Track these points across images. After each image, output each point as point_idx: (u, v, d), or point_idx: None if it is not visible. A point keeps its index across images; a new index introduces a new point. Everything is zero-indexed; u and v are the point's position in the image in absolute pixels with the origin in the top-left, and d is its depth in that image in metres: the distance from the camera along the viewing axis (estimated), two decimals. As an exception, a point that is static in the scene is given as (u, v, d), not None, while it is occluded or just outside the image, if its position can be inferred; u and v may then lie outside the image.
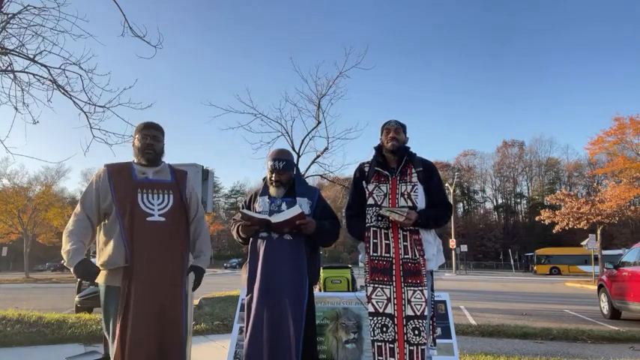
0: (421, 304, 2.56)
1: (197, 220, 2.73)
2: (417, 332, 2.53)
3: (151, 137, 2.63)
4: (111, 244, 2.43)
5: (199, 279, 2.69)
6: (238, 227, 2.82)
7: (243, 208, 2.91)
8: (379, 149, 2.89)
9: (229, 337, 3.94)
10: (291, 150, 10.96)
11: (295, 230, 2.68)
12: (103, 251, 2.48)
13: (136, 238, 2.41)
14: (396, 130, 2.81)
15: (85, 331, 5.32)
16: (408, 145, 2.88)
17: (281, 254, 2.68)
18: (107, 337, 2.46)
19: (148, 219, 2.46)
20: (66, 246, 2.40)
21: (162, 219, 2.50)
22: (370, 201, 2.76)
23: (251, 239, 2.79)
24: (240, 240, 2.89)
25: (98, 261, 2.50)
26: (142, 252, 2.40)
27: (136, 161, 2.65)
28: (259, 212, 2.78)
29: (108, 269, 2.43)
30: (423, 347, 2.52)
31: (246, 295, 2.74)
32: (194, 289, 2.65)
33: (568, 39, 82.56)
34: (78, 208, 2.53)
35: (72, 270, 2.38)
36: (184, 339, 2.49)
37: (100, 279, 2.49)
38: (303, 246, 2.72)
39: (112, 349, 2.35)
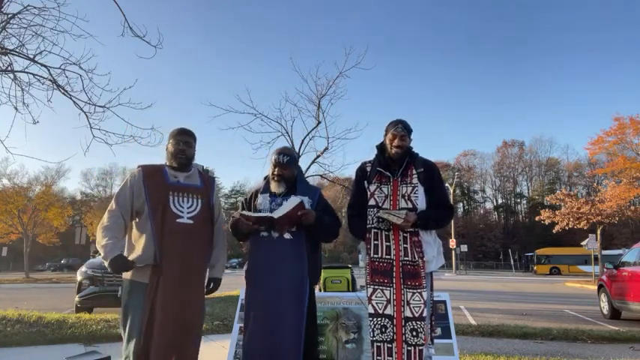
0: (420, 306, 2.56)
1: (217, 226, 2.83)
2: (415, 333, 2.54)
3: (184, 143, 2.74)
4: (141, 242, 2.54)
5: (215, 288, 2.85)
6: (237, 224, 2.80)
7: (243, 208, 2.91)
8: (382, 149, 2.85)
9: (229, 337, 3.94)
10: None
11: (296, 224, 2.67)
12: (134, 248, 2.58)
13: (165, 238, 2.53)
14: (402, 137, 2.76)
15: (85, 331, 5.32)
16: (411, 145, 2.84)
17: (281, 253, 2.68)
18: (123, 331, 2.52)
19: (178, 220, 2.58)
20: (102, 240, 2.50)
21: (191, 222, 2.62)
22: (371, 202, 2.75)
23: (251, 239, 2.79)
24: (238, 237, 2.89)
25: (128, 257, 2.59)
26: (171, 251, 2.52)
27: (168, 164, 2.76)
28: (259, 210, 2.77)
29: (137, 266, 2.52)
30: (420, 348, 2.53)
31: (246, 295, 2.74)
32: (208, 293, 2.81)
33: (568, 40, 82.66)
34: (113, 205, 2.63)
35: (107, 263, 2.46)
36: (200, 333, 2.66)
37: (126, 274, 2.58)
38: (303, 245, 2.72)
39: (131, 344, 2.42)
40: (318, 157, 11.21)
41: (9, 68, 5.87)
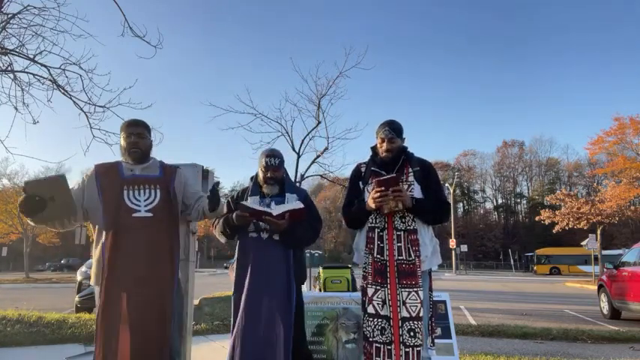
0: (416, 306, 2.54)
1: (198, 200, 2.66)
2: (412, 334, 2.52)
3: (136, 135, 2.59)
4: (98, 243, 2.45)
5: (216, 203, 2.53)
6: (228, 219, 2.76)
7: (230, 206, 2.89)
8: (375, 150, 2.87)
9: (229, 337, 3.94)
10: (290, 150, 10.97)
11: (280, 227, 2.65)
12: (94, 252, 2.49)
13: (121, 234, 2.39)
14: (390, 140, 2.74)
15: (85, 331, 5.32)
16: (405, 145, 2.85)
17: (270, 254, 2.70)
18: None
19: (134, 215, 2.44)
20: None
21: (150, 214, 2.47)
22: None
23: (240, 239, 2.79)
24: (225, 235, 2.83)
25: (93, 262, 2.52)
26: (127, 248, 2.38)
27: (123, 160, 2.63)
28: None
29: (97, 271, 2.45)
30: (418, 349, 2.51)
31: (235, 295, 2.74)
32: (213, 200, 2.50)
33: (568, 39, 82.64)
34: None
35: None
36: (172, 331, 2.43)
37: (93, 280, 2.51)
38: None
39: (95, 347, 2.34)
40: (318, 157, 11.22)
41: (9, 68, 5.87)
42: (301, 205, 2.66)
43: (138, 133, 2.59)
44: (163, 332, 2.37)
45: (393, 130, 2.76)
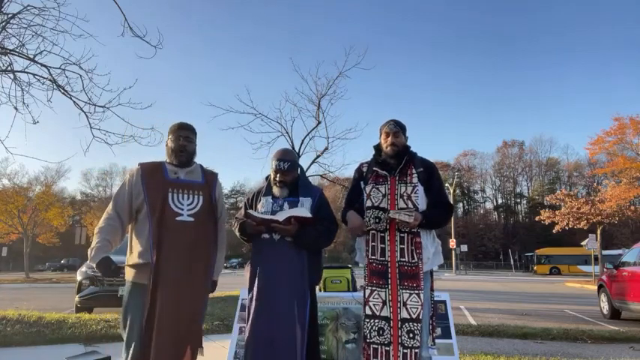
0: (417, 308, 2.54)
1: (220, 224, 2.77)
2: (411, 335, 2.52)
3: (184, 138, 2.66)
4: (140, 241, 2.50)
5: (212, 290, 2.77)
6: (242, 225, 2.81)
7: (247, 208, 2.91)
8: (378, 149, 2.86)
9: (229, 337, 3.94)
10: (291, 150, 10.98)
11: (290, 231, 2.66)
12: (133, 249, 2.54)
13: (164, 237, 2.46)
14: (395, 133, 2.76)
15: (85, 331, 5.32)
16: (408, 144, 2.84)
17: (282, 255, 2.68)
18: (123, 333, 2.49)
19: (177, 219, 2.51)
20: (92, 243, 2.47)
21: (191, 219, 2.54)
22: (368, 203, 2.74)
23: (254, 240, 2.79)
24: (243, 238, 2.89)
25: (128, 258, 2.56)
26: (170, 251, 2.46)
27: (168, 161, 2.69)
28: (263, 212, 2.77)
29: (135, 266, 2.49)
30: (416, 350, 2.51)
31: (248, 295, 2.74)
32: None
33: (568, 39, 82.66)
34: (110, 207, 2.59)
35: (94, 266, 2.44)
36: (201, 333, 2.59)
37: (128, 275, 2.54)
38: None
39: (131, 345, 2.39)
40: (318, 157, 11.24)
41: (9, 68, 5.88)
42: (307, 214, 2.65)
43: (186, 137, 2.67)
44: (193, 332, 2.49)
45: (397, 125, 2.79)
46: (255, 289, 2.68)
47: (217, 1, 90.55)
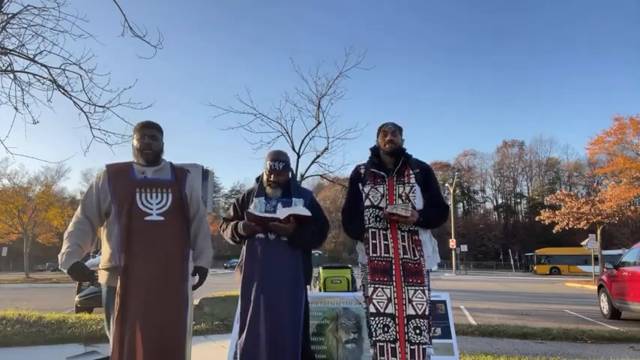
0: (422, 304, 2.57)
1: (198, 219, 2.71)
2: (418, 331, 2.54)
3: (149, 137, 2.61)
4: (109, 244, 2.46)
5: (202, 280, 2.69)
6: (236, 226, 2.80)
7: (237, 210, 2.92)
8: (375, 151, 2.91)
9: (229, 337, 3.94)
10: (290, 150, 10.97)
11: (294, 229, 2.67)
12: (104, 251, 2.51)
13: (133, 237, 2.41)
14: (392, 132, 2.83)
15: (85, 331, 5.32)
16: (404, 147, 2.90)
17: (278, 255, 2.70)
18: (108, 336, 2.47)
19: (146, 218, 2.46)
20: (62, 248, 2.42)
21: (161, 218, 2.48)
22: (367, 202, 2.77)
23: (248, 241, 2.79)
24: (234, 240, 2.87)
25: (101, 261, 2.52)
26: (140, 251, 2.40)
27: (135, 161, 2.64)
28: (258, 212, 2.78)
29: (107, 269, 2.46)
30: (424, 346, 2.53)
31: (243, 295, 2.74)
32: (195, 288, 2.63)
33: (568, 39, 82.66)
34: (79, 210, 2.54)
35: (66, 272, 2.39)
36: (184, 338, 2.46)
37: (102, 279, 2.51)
38: None
39: (110, 349, 2.36)
40: (318, 157, 11.22)
41: (9, 68, 5.88)
42: (308, 213, 2.67)
43: (152, 135, 2.62)
44: (175, 331, 2.41)
45: (395, 125, 2.87)
46: (252, 289, 2.68)
47: (217, 1, 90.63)
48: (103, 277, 2.50)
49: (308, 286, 2.90)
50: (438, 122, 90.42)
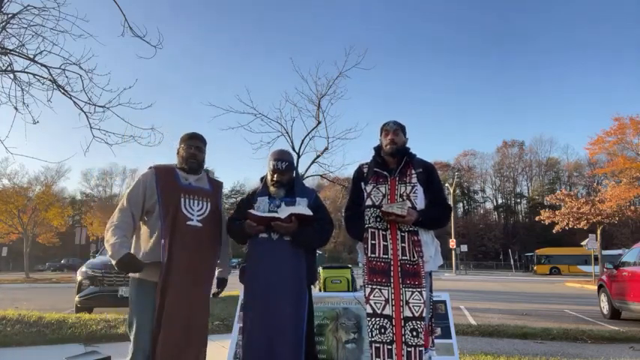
0: (420, 306, 2.55)
1: (223, 229, 2.87)
2: (415, 333, 2.53)
3: (195, 148, 2.79)
4: (151, 241, 2.57)
5: (222, 289, 2.94)
6: (240, 226, 2.81)
7: (242, 210, 2.91)
8: (378, 150, 2.88)
9: (229, 337, 3.94)
10: (291, 150, 10.97)
11: (295, 228, 2.67)
12: (141, 247, 2.59)
13: (175, 238, 2.54)
14: (394, 131, 2.80)
15: (85, 331, 5.32)
16: (407, 145, 2.86)
17: (281, 254, 2.69)
18: (129, 329, 2.53)
19: (188, 223, 2.61)
20: (110, 239, 2.48)
21: (200, 224, 2.65)
22: (368, 202, 2.75)
23: (251, 240, 2.79)
24: (238, 241, 2.89)
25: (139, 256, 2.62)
26: (181, 252, 2.54)
27: (178, 166, 2.79)
28: (261, 212, 2.77)
29: (145, 264, 2.53)
30: (420, 349, 2.51)
31: (246, 295, 2.74)
32: (215, 296, 2.90)
33: (568, 39, 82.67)
34: (124, 203, 2.62)
35: (114, 262, 2.44)
36: (207, 324, 2.72)
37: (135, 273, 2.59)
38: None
39: (139, 342, 2.45)
40: (318, 157, 11.22)
41: (9, 68, 5.87)
42: (310, 213, 2.67)
43: (197, 147, 2.80)
44: (199, 333, 2.64)
45: (397, 124, 2.84)
46: (255, 289, 2.68)
47: (217, 1, 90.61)
48: (143, 274, 2.58)
49: (312, 286, 2.89)
50: (438, 122, 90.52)
